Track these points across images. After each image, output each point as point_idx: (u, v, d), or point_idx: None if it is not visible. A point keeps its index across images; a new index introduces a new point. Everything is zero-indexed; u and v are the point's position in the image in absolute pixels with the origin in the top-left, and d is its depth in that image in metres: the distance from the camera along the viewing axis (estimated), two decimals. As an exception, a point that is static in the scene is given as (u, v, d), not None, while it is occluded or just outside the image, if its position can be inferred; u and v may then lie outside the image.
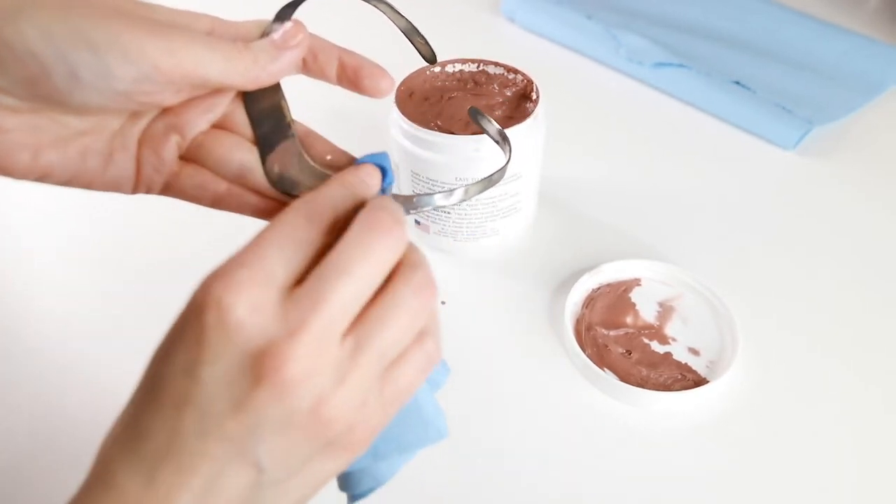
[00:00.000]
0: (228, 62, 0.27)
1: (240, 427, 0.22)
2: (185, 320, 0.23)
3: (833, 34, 0.73)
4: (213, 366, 0.22)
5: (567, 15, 0.76)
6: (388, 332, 0.24)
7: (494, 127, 0.36)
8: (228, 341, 0.22)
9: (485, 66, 0.53)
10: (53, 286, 0.53)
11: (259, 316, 0.22)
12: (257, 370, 0.21)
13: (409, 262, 0.25)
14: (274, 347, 0.22)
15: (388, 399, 0.25)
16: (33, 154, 0.27)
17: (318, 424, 0.23)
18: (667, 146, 0.64)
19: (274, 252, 0.23)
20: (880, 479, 0.41)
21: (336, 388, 0.23)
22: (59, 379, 0.47)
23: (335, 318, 0.23)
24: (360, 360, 0.23)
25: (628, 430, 0.43)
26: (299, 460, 0.23)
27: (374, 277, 0.24)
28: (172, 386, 0.22)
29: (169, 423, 0.22)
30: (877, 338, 0.48)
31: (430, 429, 0.28)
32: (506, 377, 0.46)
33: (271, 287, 0.22)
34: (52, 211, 0.58)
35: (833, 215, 0.57)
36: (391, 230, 0.24)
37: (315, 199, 0.25)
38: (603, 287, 0.50)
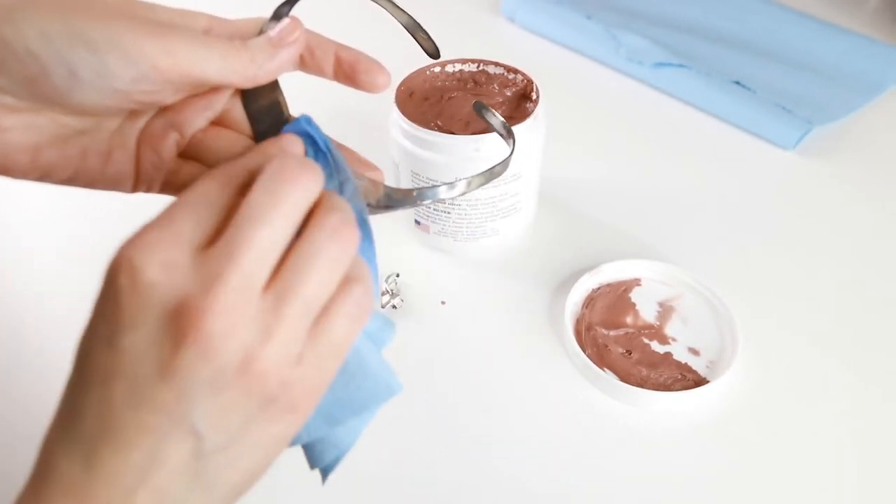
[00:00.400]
0: (226, 61, 0.27)
1: (170, 392, 0.21)
2: (102, 290, 0.22)
3: (833, 34, 0.73)
4: (133, 332, 0.21)
5: (567, 15, 0.76)
6: (308, 280, 0.23)
7: (499, 120, 0.36)
8: (144, 303, 0.21)
9: (485, 65, 0.53)
10: (53, 286, 0.53)
11: (172, 273, 0.21)
12: (177, 329, 0.21)
13: (325, 205, 0.24)
14: (191, 302, 0.21)
15: (323, 353, 0.24)
16: (33, 153, 0.27)
17: (249, 381, 0.22)
18: (667, 146, 0.64)
19: (185, 213, 0.23)
20: (880, 479, 0.41)
21: (263, 342, 0.22)
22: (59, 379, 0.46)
23: (252, 269, 0.22)
24: (284, 311, 0.22)
25: (628, 430, 0.43)
26: (238, 422, 0.22)
27: (288, 223, 0.23)
28: (97, 360, 0.22)
29: (99, 399, 0.21)
30: (877, 338, 0.48)
31: (379, 385, 0.27)
32: (506, 377, 0.46)
33: (183, 245, 0.22)
34: (52, 211, 0.58)
35: (833, 215, 0.57)
36: (299, 173, 0.23)
37: (228, 164, 0.25)
38: (603, 287, 0.50)
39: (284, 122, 0.30)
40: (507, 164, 0.33)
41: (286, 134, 0.28)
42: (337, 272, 0.24)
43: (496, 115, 0.37)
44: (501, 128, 0.37)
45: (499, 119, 0.37)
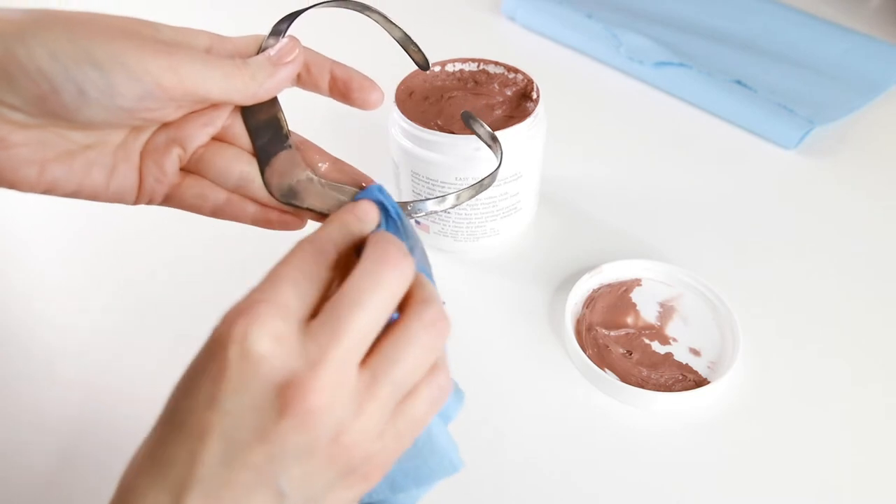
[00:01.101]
0: (227, 79, 0.28)
1: (264, 456, 0.22)
2: (207, 354, 0.23)
3: (834, 34, 0.73)
4: (237, 397, 0.22)
5: (567, 14, 0.75)
6: (403, 365, 0.25)
7: (486, 130, 0.37)
8: (253, 374, 0.22)
9: (485, 65, 0.52)
10: (53, 287, 0.53)
11: (281, 349, 0.23)
12: (282, 401, 0.22)
13: (421, 297, 0.26)
14: (297, 379, 0.22)
15: (402, 430, 0.25)
16: (40, 168, 0.27)
17: (338, 453, 0.24)
18: (667, 146, 0.64)
19: (289, 287, 0.24)
20: (880, 479, 0.40)
21: (355, 417, 0.24)
22: (60, 378, 0.46)
23: (352, 349, 0.24)
24: (376, 392, 0.24)
25: (629, 430, 0.43)
26: (319, 488, 0.24)
27: (386, 308, 0.25)
28: (196, 417, 0.23)
29: (193, 452, 0.22)
30: (878, 338, 0.48)
31: (444, 461, 0.29)
32: (506, 377, 0.46)
33: (290, 320, 0.23)
34: (52, 212, 0.58)
35: (834, 215, 0.57)
36: (399, 261, 0.25)
37: (317, 237, 0.26)
38: (603, 287, 0.50)
39: (284, 136, 0.31)
40: (496, 176, 0.34)
41: (363, 201, 0.29)
42: (428, 361, 0.26)
43: (483, 125, 0.37)
44: (488, 138, 0.37)
45: (486, 129, 0.37)
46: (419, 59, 0.35)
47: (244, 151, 0.31)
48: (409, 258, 0.25)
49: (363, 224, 0.28)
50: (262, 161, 0.31)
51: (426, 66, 0.35)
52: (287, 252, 0.26)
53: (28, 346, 0.48)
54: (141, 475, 0.23)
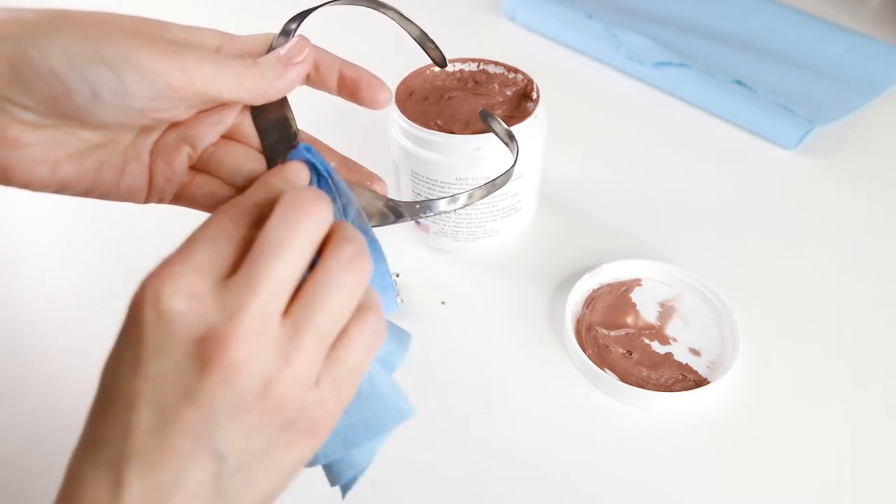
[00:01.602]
0: (237, 79, 0.28)
1: (195, 417, 0.22)
2: (127, 321, 0.23)
3: (834, 34, 0.73)
4: (158, 360, 0.22)
5: (567, 14, 0.75)
6: (325, 309, 0.24)
7: (503, 128, 0.37)
8: (169, 333, 0.22)
9: (485, 65, 0.52)
10: (53, 285, 0.53)
11: (197, 303, 0.22)
12: (202, 357, 0.22)
13: (339, 236, 0.25)
14: (215, 332, 0.22)
15: (339, 379, 0.25)
16: (52, 167, 0.28)
17: (270, 405, 0.23)
18: (667, 146, 0.64)
19: (205, 246, 0.24)
20: (880, 479, 0.40)
21: (282, 367, 0.23)
22: (59, 378, 0.46)
23: (271, 299, 0.23)
24: (301, 339, 0.24)
25: (629, 430, 0.43)
26: (259, 445, 0.24)
27: (304, 254, 0.24)
28: (122, 386, 0.22)
29: (125, 423, 0.22)
30: (878, 338, 0.48)
31: (392, 410, 0.28)
32: (506, 377, 0.46)
33: (205, 276, 0.23)
34: (53, 209, 0.58)
35: (834, 215, 0.57)
36: (313, 205, 0.25)
37: (239, 199, 0.26)
38: (603, 287, 0.50)
39: (293, 136, 0.31)
40: (509, 175, 0.34)
41: (290, 162, 0.29)
42: (351, 301, 0.25)
43: (501, 123, 0.37)
44: (505, 136, 0.37)
45: (503, 127, 0.37)
46: (436, 56, 0.35)
47: (253, 150, 0.31)
48: (323, 201, 0.25)
49: (288, 183, 0.28)
50: (271, 160, 0.31)
51: (444, 63, 0.35)
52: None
53: (32, 345, 0.48)
54: (81, 456, 0.23)
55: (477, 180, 0.48)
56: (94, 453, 0.22)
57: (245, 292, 0.23)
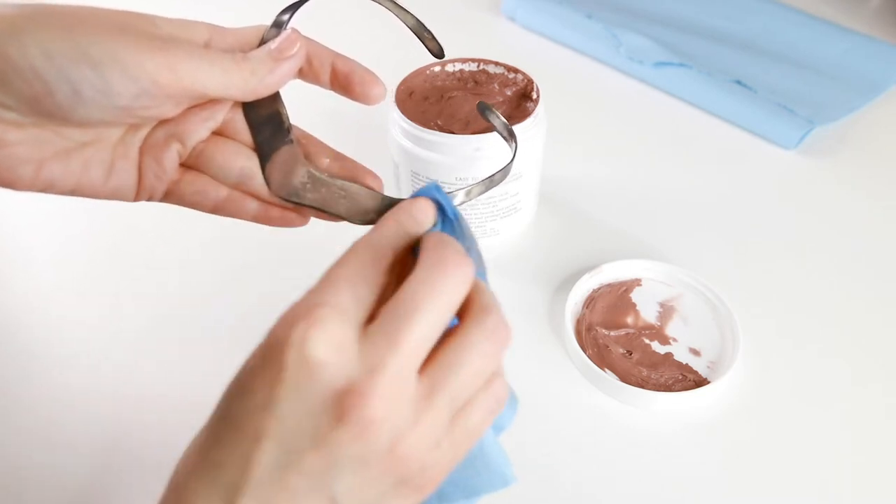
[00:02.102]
0: (227, 75, 0.27)
1: (319, 462, 0.22)
2: (264, 357, 0.23)
3: (834, 33, 0.73)
4: (294, 403, 0.22)
5: (567, 14, 0.75)
6: (462, 375, 0.24)
7: (501, 121, 0.36)
8: (311, 380, 0.22)
9: (485, 65, 0.52)
10: (53, 287, 0.53)
11: (340, 355, 0.22)
12: (339, 409, 0.22)
13: (481, 304, 0.25)
14: (356, 387, 0.22)
15: (457, 440, 0.25)
16: (36, 167, 0.27)
17: (393, 462, 0.23)
18: (667, 146, 0.64)
19: (347, 290, 0.23)
20: (880, 479, 0.40)
21: (412, 427, 0.23)
22: (58, 378, 0.46)
23: (411, 357, 0.23)
24: (434, 401, 0.23)
25: (629, 430, 0.43)
26: (373, 496, 0.23)
27: (445, 314, 0.24)
28: (251, 420, 0.22)
29: (247, 454, 0.22)
30: (878, 338, 0.48)
31: (494, 475, 0.28)
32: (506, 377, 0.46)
33: (349, 325, 0.23)
34: (48, 207, 0.58)
35: (834, 215, 0.57)
36: (458, 266, 0.24)
37: (373, 238, 0.26)
38: (603, 287, 0.50)
39: (286, 131, 0.30)
40: (508, 171, 0.33)
41: (419, 200, 0.28)
42: (488, 370, 0.25)
43: (500, 116, 0.37)
44: (504, 129, 0.36)
45: (501, 121, 0.36)
46: (433, 47, 0.34)
47: (245, 146, 0.30)
48: (467, 262, 0.25)
49: (419, 224, 0.27)
50: (263, 156, 0.30)
51: (441, 54, 0.34)
52: (343, 253, 0.25)
53: (28, 347, 0.48)
54: (194, 475, 0.23)
55: (477, 180, 0.48)
56: (210, 475, 0.22)
57: (386, 349, 0.22)
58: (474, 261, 0.28)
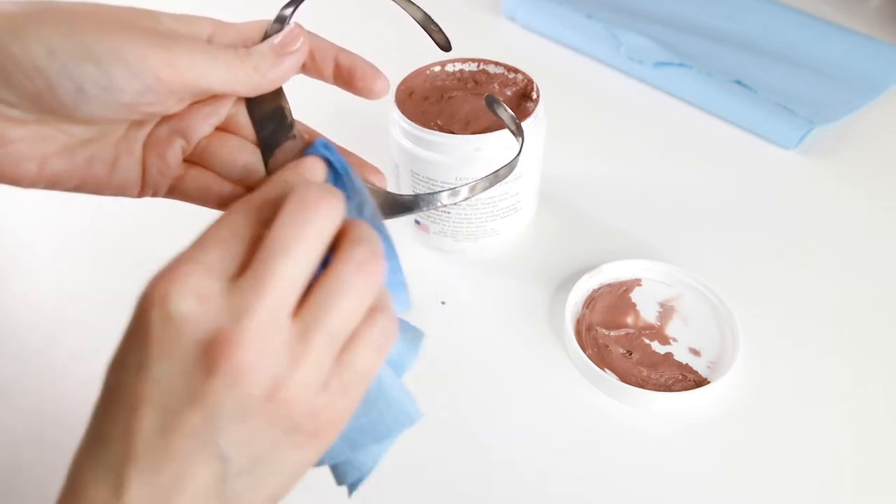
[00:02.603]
0: (230, 71, 0.27)
1: (199, 419, 0.22)
2: (133, 322, 0.23)
3: (834, 34, 0.73)
4: (164, 362, 0.22)
5: (567, 14, 0.75)
6: (336, 312, 0.23)
7: (509, 115, 0.36)
8: (176, 335, 0.22)
9: (485, 65, 0.52)
10: (51, 282, 0.53)
11: (204, 306, 0.22)
12: (209, 359, 0.21)
13: (352, 237, 0.25)
14: (223, 335, 0.21)
15: (348, 382, 0.24)
16: (40, 164, 0.27)
17: (277, 408, 0.23)
18: (667, 146, 0.64)
19: (214, 246, 0.23)
20: (880, 479, 0.40)
21: (290, 370, 0.23)
22: (58, 379, 0.46)
23: (280, 300, 0.22)
24: (310, 342, 0.23)
25: (629, 430, 0.43)
26: (264, 448, 0.23)
27: (314, 252, 0.23)
28: (126, 388, 0.22)
29: (127, 425, 0.22)
30: (878, 338, 0.48)
31: (400, 414, 0.28)
32: (506, 377, 0.46)
33: (213, 278, 0.22)
34: (51, 204, 0.58)
35: (834, 215, 0.57)
36: (321, 200, 0.24)
37: (252, 196, 0.26)
38: (603, 287, 0.50)
39: (289, 126, 0.30)
40: (513, 166, 0.33)
41: (306, 158, 0.28)
42: (363, 304, 0.24)
43: (507, 109, 0.36)
44: (512, 123, 0.36)
45: (510, 114, 0.36)
46: (440, 40, 0.34)
47: (248, 142, 0.30)
48: (333, 197, 0.24)
49: (306, 181, 0.27)
50: (266, 152, 0.30)
51: (448, 47, 0.34)
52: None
53: (28, 344, 0.48)
54: (83, 457, 0.23)
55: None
56: (96, 454, 0.22)
57: (253, 293, 0.22)
58: (369, 215, 0.28)
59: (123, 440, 0.22)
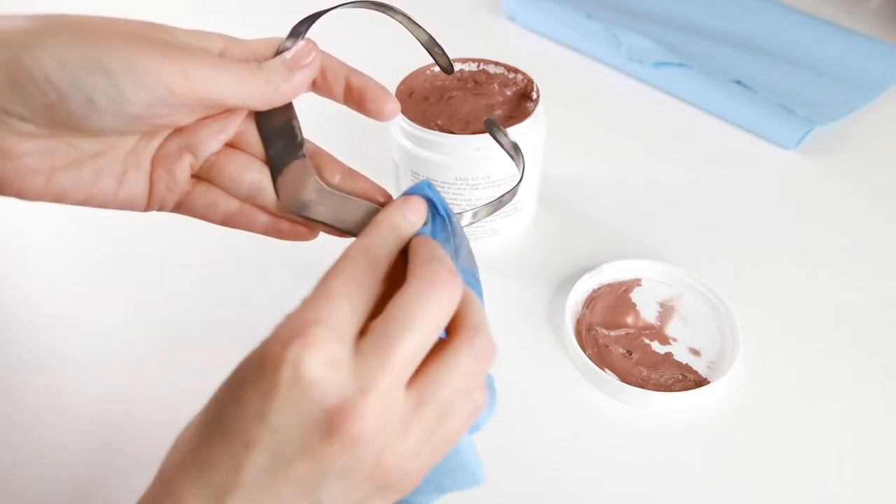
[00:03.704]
0: (241, 83, 0.27)
1: (307, 471, 0.23)
2: (258, 369, 0.23)
3: (834, 33, 0.73)
4: (286, 417, 0.22)
5: (567, 14, 0.75)
6: (448, 390, 0.25)
7: (510, 140, 0.36)
8: (304, 397, 0.22)
9: (485, 65, 0.52)
10: (58, 287, 0.53)
11: (333, 374, 0.23)
12: (330, 425, 0.22)
13: (471, 324, 0.26)
14: (347, 405, 0.22)
15: (436, 446, 0.26)
16: (47, 178, 0.27)
17: (378, 472, 0.24)
18: (667, 146, 0.64)
19: (343, 305, 0.24)
20: (880, 479, 0.40)
21: (398, 439, 0.24)
22: (58, 378, 0.46)
23: (401, 373, 0.24)
24: (421, 414, 0.24)
25: (629, 430, 0.43)
26: (356, 499, 0.24)
27: (435, 330, 0.25)
28: (243, 428, 0.23)
29: (238, 459, 0.23)
30: (878, 338, 0.48)
31: (466, 474, 0.29)
32: (506, 377, 0.46)
33: (343, 343, 0.23)
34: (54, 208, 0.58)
35: (834, 215, 0.57)
36: (448, 283, 0.25)
37: (369, 245, 0.26)
38: (603, 287, 0.50)
39: (298, 145, 0.30)
40: (516, 192, 0.33)
41: (411, 198, 0.28)
42: (473, 386, 0.26)
43: (507, 134, 0.36)
44: (511, 148, 0.36)
45: (510, 140, 0.36)
46: (443, 63, 0.34)
47: (256, 159, 0.30)
48: (457, 278, 0.25)
49: (412, 225, 0.28)
50: (275, 170, 0.30)
51: (450, 70, 0.34)
52: (338, 260, 0.25)
53: (30, 347, 0.48)
54: (184, 470, 0.23)
55: (477, 180, 0.48)
56: (201, 473, 0.23)
57: (378, 366, 0.23)
58: (465, 259, 0.29)
59: (232, 470, 0.23)
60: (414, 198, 0.28)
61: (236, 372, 0.24)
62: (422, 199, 0.28)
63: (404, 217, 0.28)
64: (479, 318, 0.26)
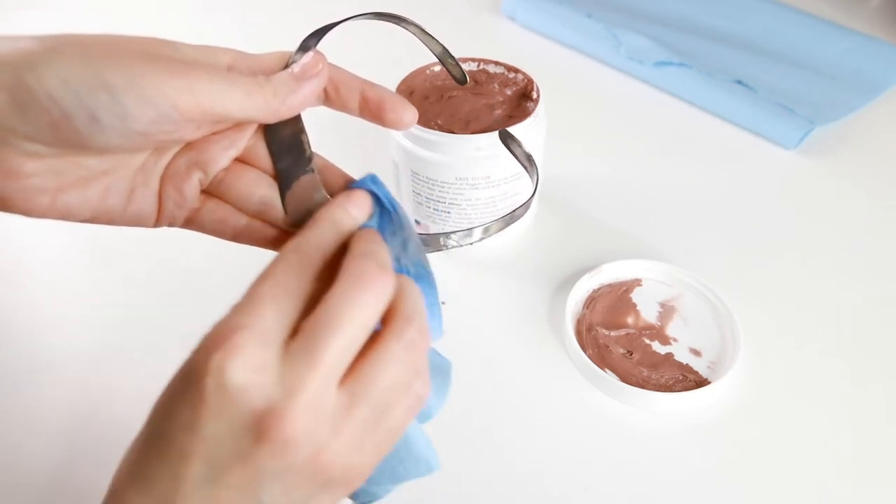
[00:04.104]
0: (248, 96, 0.27)
1: (245, 477, 0.23)
2: (185, 381, 0.23)
3: (835, 33, 0.73)
4: (216, 424, 0.22)
5: (567, 14, 0.75)
6: (381, 385, 0.24)
7: (522, 150, 0.36)
8: (230, 404, 0.22)
9: (485, 65, 0.52)
10: (54, 284, 0.53)
11: (259, 379, 0.22)
12: (259, 429, 0.22)
13: (402, 313, 0.25)
14: (275, 409, 0.22)
15: (380, 441, 0.26)
16: (52, 197, 0.27)
17: (317, 470, 0.24)
18: (667, 145, 0.64)
19: (270, 308, 0.24)
20: (880, 480, 0.40)
21: (333, 437, 0.24)
22: (62, 379, 0.46)
23: (329, 373, 0.23)
24: (354, 412, 0.24)
25: (629, 430, 0.43)
26: (300, 498, 0.24)
27: (365, 327, 0.24)
28: (176, 440, 0.23)
29: (175, 469, 0.23)
30: (878, 338, 0.48)
31: (419, 463, 0.29)
32: (506, 378, 0.46)
33: (269, 347, 0.23)
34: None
35: (835, 215, 0.57)
36: (377, 279, 0.24)
37: (304, 243, 0.26)
38: (604, 287, 0.50)
39: (307, 160, 0.30)
40: (529, 205, 0.33)
41: (354, 192, 0.28)
42: (407, 378, 0.25)
43: (521, 145, 0.36)
44: (525, 159, 0.36)
45: (523, 150, 0.36)
46: (457, 73, 0.34)
47: (265, 175, 0.30)
48: (386, 272, 0.25)
49: (354, 220, 0.27)
50: (283, 185, 0.30)
51: (464, 81, 0.34)
52: (272, 261, 0.25)
53: (30, 348, 0.48)
54: (129, 485, 0.23)
55: (477, 180, 0.48)
56: (144, 487, 0.23)
57: (305, 367, 0.23)
58: (412, 253, 0.28)
59: (171, 482, 0.23)
60: (357, 192, 0.28)
61: (168, 385, 0.24)
62: (366, 192, 0.28)
63: (345, 211, 0.27)
64: (411, 308, 0.26)
